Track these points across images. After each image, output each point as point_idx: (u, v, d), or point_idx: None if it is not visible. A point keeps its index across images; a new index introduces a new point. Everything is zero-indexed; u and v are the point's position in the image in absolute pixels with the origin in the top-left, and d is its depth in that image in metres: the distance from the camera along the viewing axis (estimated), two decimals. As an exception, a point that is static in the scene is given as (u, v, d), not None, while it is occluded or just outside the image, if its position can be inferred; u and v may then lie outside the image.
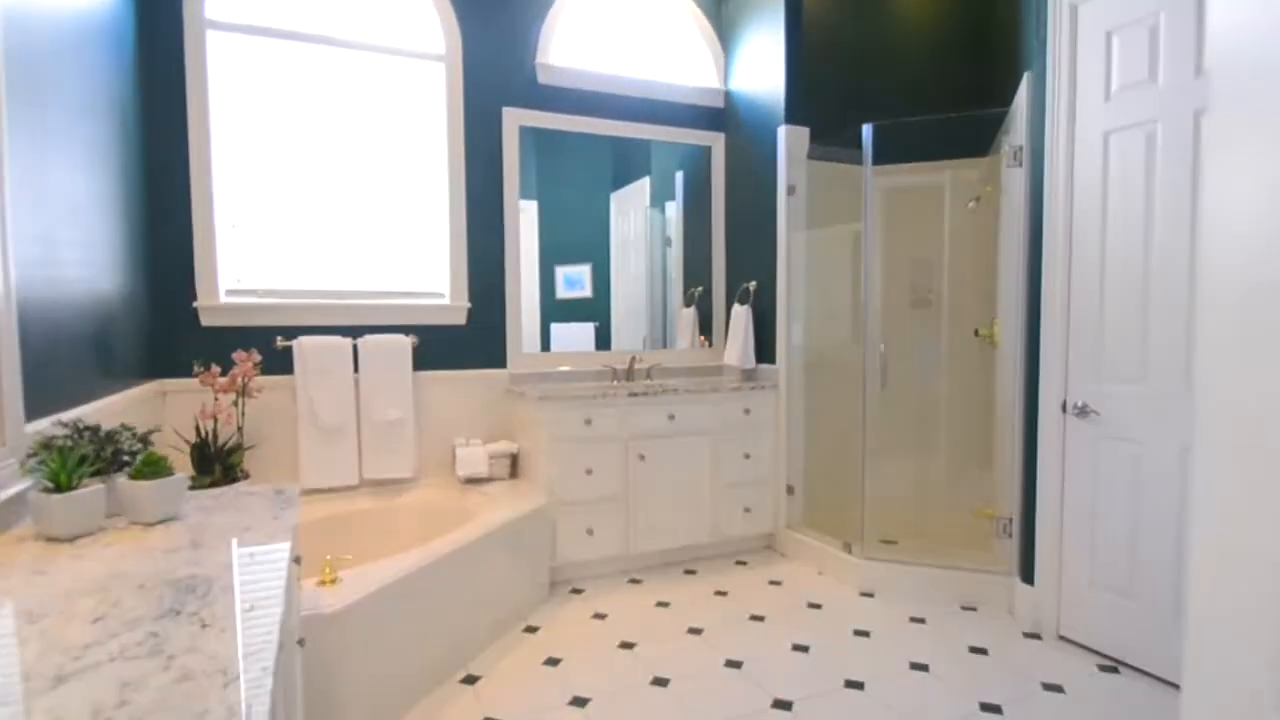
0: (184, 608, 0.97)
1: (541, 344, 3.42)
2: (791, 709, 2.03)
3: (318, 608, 1.78)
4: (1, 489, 1.35)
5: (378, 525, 2.84)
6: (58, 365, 1.77)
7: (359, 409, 2.92)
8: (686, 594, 2.87)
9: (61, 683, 0.77)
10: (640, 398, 3.02)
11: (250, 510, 1.47)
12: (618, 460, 2.99)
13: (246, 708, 0.72)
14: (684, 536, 3.14)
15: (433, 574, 2.13)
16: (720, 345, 3.73)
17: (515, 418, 3.19)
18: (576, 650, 2.39)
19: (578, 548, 2.93)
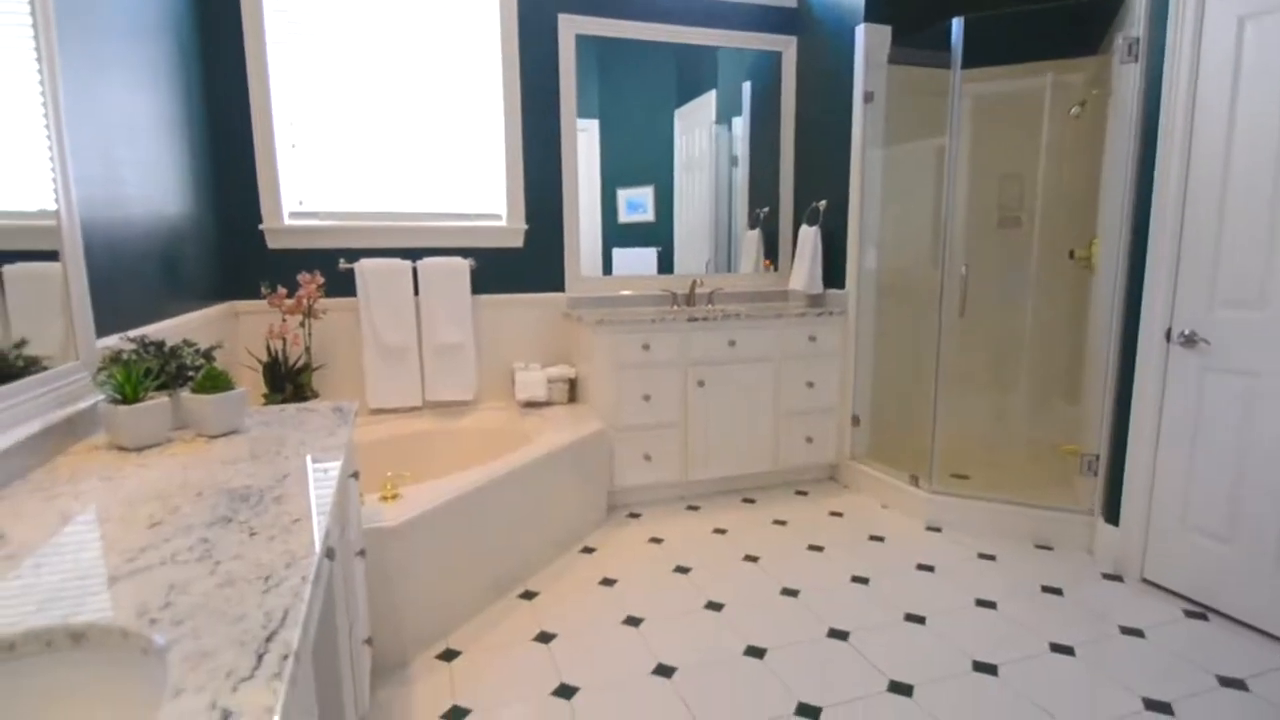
0: (236, 516, 0.99)
1: (603, 268, 3.36)
2: (847, 639, 2.00)
3: (379, 521, 1.84)
4: (75, 401, 1.41)
5: (439, 446, 2.91)
6: (126, 284, 1.82)
7: (420, 331, 2.95)
8: (744, 522, 2.85)
9: (115, 583, 0.79)
10: (700, 323, 2.93)
11: (309, 426, 1.50)
12: (676, 386, 2.94)
13: (283, 613, 0.72)
14: (743, 465, 3.09)
15: (492, 493, 2.17)
16: (786, 269, 3.57)
17: (573, 342, 3.16)
18: (632, 572, 2.42)
19: (635, 473, 2.93)
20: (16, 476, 1.18)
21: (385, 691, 1.77)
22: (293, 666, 0.63)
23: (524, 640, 2.00)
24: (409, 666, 1.87)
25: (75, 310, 1.47)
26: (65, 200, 1.46)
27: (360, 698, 1.53)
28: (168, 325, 2.07)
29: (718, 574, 2.40)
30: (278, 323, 2.62)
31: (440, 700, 1.73)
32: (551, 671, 1.85)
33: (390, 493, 1.97)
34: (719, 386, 3.00)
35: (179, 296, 2.24)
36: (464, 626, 2.07)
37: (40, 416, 1.30)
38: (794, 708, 1.71)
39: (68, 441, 1.37)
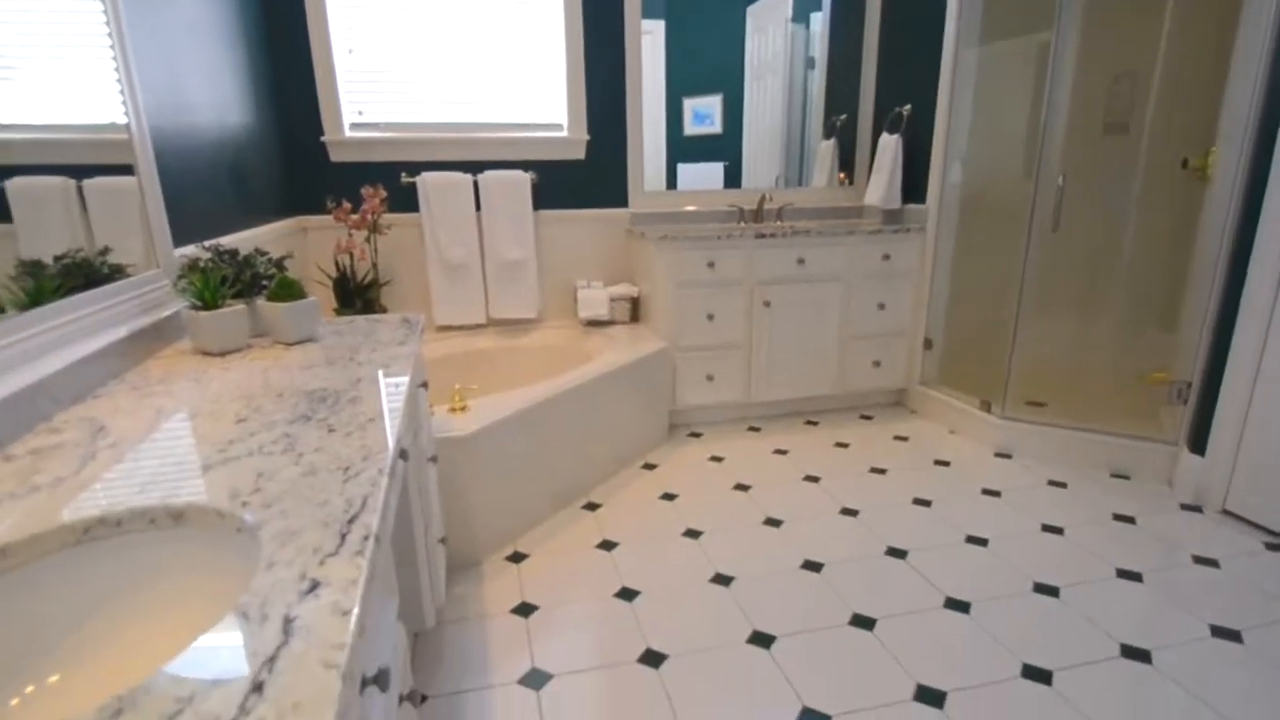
0: (315, 415, 1.03)
1: (667, 183, 3.27)
2: (906, 557, 2.00)
3: (449, 431, 1.91)
4: (160, 308, 1.49)
5: (503, 363, 2.98)
6: (198, 195, 1.88)
7: (482, 248, 2.97)
8: (806, 443, 2.84)
9: (208, 470, 0.85)
10: (768, 240, 2.84)
11: (379, 336, 1.54)
12: (741, 306, 2.89)
13: (362, 500, 0.75)
14: (807, 387, 3.06)
15: (555, 408, 2.22)
16: (862, 183, 3.39)
17: (636, 260, 3.13)
18: (692, 488, 2.46)
19: (697, 393, 2.94)
20: (112, 376, 1.26)
21: (460, 587, 1.88)
22: (373, 547, 0.66)
23: (587, 547, 2.08)
24: (481, 565, 1.98)
25: (152, 220, 1.53)
26: (134, 110, 1.50)
27: (437, 590, 1.63)
28: (239, 238, 2.14)
29: (777, 492, 2.41)
30: (344, 238, 2.68)
31: (510, 597, 1.84)
32: (613, 576, 1.93)
33: (459, 405, 2.04)
34: (785, 307, 2.93)
35: (249, 210, 2.30)
36: (531, 532, 2.17)
37: (129, 321, 1.37)
38: (849, 617, 1.74)
39: (156, 346, 1.45)
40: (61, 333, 1.17)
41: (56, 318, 1.17)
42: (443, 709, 1.47)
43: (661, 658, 1.61)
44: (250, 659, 0.50)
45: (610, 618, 1.75)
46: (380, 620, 0.79)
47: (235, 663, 0.50)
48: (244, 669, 0.49)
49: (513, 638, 1.68)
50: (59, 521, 0.72)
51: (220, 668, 0.50)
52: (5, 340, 1.03)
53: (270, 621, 0.54)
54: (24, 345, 1.07)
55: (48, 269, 1.28)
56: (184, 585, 0.75)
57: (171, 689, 0.48)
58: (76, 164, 1.36)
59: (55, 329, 1.16)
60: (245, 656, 0.50)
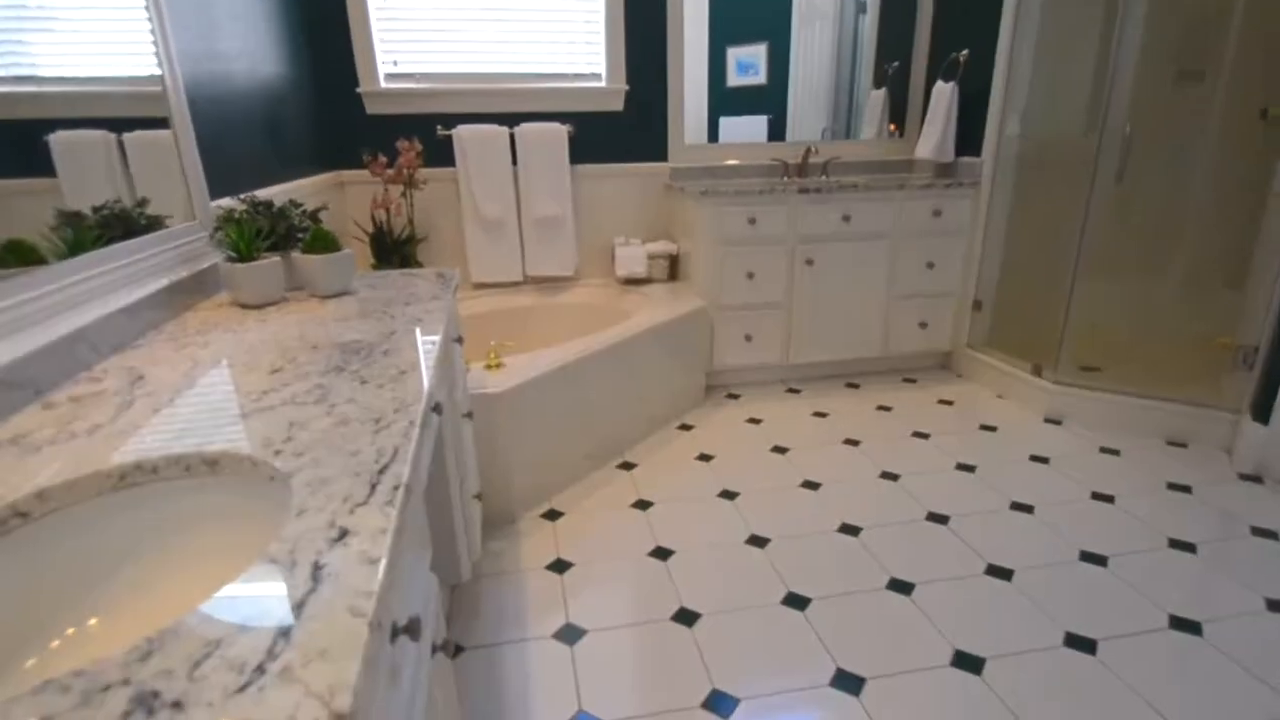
0: (347, 366, 1.03)
1: (708, 136, 3.17)
2: (948, 523, 1.95)
3: (484, 387, 1.90)
4: (198, 260, 1.49)
5: (539, 321, 2.97)
6: (233, 147, 1.87)
7: (519, 203, 2.93)
8: (846, 406, 2.78)
9: (243, 418, 0.84)
10: (812, 195, 2.74)
11: (413, 290, 1.53)
12: (782, 264, 2.81)
13: (393, 450, 0.74)
14: (849, 349, 2.98)
15: (592, 365, 2.20)
16: (913, 135, 3.24)
17: (675, 216, 3.06)
18: (729, 450, 2.43)
19: (735, 354, 2.89)
20: (151, 327, 1.27)
21: (496, 543, 1.91)
22: (403, 497, 0.65)
23: (622, 506, 2.08)
24: (517, 522, 2.00)
25: (188, 171, 1.53)
26: (167, 60, 1.49)
27: (472, 545, 1.64)
28: (276, 190, 2.14)
29: (816, 455, 2.37)
30: (380, 193, 2.67)
31: (545, 553, 1.85)
32: (648, 535, 1.92)
33: (494, 362, 2.03)
34: (828, 266, 2.84)
35: (285, 162, 2.30)
36: (566, 490, 2.17)
37: (167, 273, 1.38)
38: (886, 581, 1.71)
39: (195, 299, 1.46)
40: (100, 282, 1.18)
41: (95, 267, 1.18)
42: (479, 661, 1.50)
43: (695, 616, 1.60)
44: (279, 605, 0.49)
45: (645, 576, 1.75)
46: (413, 571, 0.78)
47: (264, 608, 0.49)
48: (272, 615, 0.48)
49: (548, 593, 1.69)
50: (96, 467, 0.73)
51: (249, 612, 0.49)
52: (45, 289, 1.04)
53: (300, 568, 0.53)
54: (64, 294, 1.08)
55: (86, 220, 1.30)
56: (218, 531, 0.75)
57: (201, 631, 0.48)
58: (116, 117, 1.36)
59: (94, 278, 1.17)
60: (274, 602, 0.49)
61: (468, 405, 1.77)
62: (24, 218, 1.09)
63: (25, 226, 1.08)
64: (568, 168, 2.91)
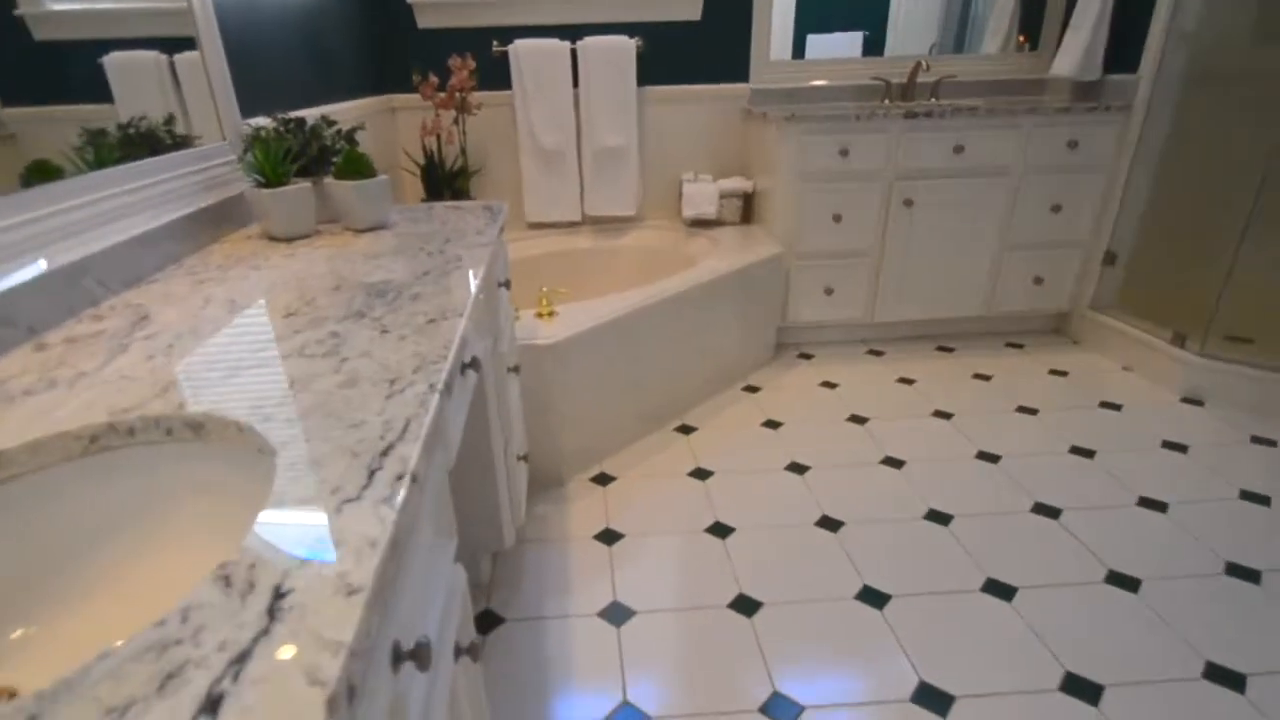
0: (370, 312, 0.93)
1: (794, 50, 2.90)
2: (1059, 517, 1.76)
3: (534, 338, 1.80)
4: (226, 186, 1.42)
5: (597, 265, 2.84)
6: (269, 61, 1.77)
7: (579, 132, 2.77)
8: (937, 373, 2.57)
9: (240, 371, 0.75)
10: (919, 121, 2.47)
11: (456, 224, 1.42)
12: (876, 205, 2.58)
13: (404, 424, 0.63)
14: (945, 307, 2.74)
15: (651, 317, 2.06)
16: (1049, 48, 2.87)
17: (752, 148, 2.84)
18: (799, 416, 2.28)
19: (812, 308, 2.70)
20: (171, 260, 1.20)
21: (543, 506, 1.84)
22: (407, 490, 0.54)
23: (679, 474, 1.97)
24: (565, 486, 1.92)
25: (214, 83, 1.44)
26: (196, -48, 1.38)
27: (516, 509, 1.57)
28: (319, 113, 2.05)
29: (900, 428, 2.19)
30: (430, 118, 2.55)
31: (594, 521, 1.77)
32: (706, 508, 1.81)
33: (546, 310, 1.92)
34: (931, 208, 2.59)
35: (330, 82, 2.20)
36: (619, 453, 2.08)
37: (192, 199, 1.31)
38: (982, 583, 1.55)
39: (224, 229, 1.39)
40: (115, 205, 1.11)
41: (106, 187, 1.11)
42: (520, 634, 1.44)
43: (755, 605, 1.50)
44: (213, 657, 0.38)
45: (700, 554, 1.65)
46: (427, 574, 0.68)
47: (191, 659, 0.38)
48: (202, 671, 0.37)
49: (595, 566, 1.61)
50: (64, 427, 0.65)
51: (170, 664, 0.38)
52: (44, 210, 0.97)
53: (255, 596, 0.43)
54: (69, 217, 1.01)
55: (109, 137, 1.23)
56: (201, 510, 0.67)
57: (104, 692, 0.37)
58: (166, 36, 1.33)
59: (106, 200, 1.10)
60: (208, 653, 0.39)
61: (515, 358, 1.68)
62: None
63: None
64: (634, 89, 2.72)
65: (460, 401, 0.98)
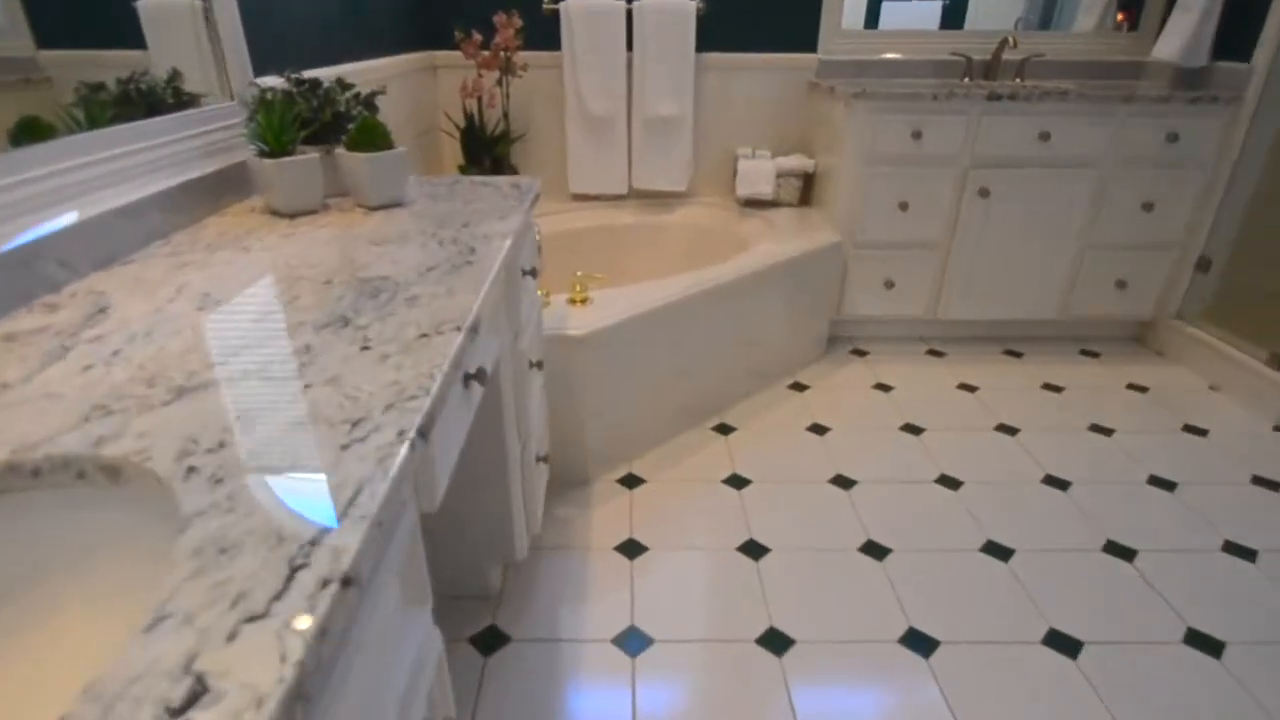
0: (355, 318, 0.79)
1: (865, 23, 2.64)
2: (1133, 560, 1.56)
3: (563, 328, 1.65)
4: (232, 151, 1.29)
5: (641, 244, 2.67)
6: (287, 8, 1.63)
7: (630, 99, 2.58)
8: (1003, 380, 2.34)
9: (180, 397, 0.62)
10: (1003, 104, 2.21)
11: (480, 203, 1.27)
12: (948, 193, 2.34)
13: (353, 491, 0.50)
14: (1015, 307, 2.50)
15: (695, 307, 1.89)
16: (1151, 29, 2.56)
17: (817, 124, 2.61)
18: (848, 422, 2.09)
19: (870, 301, 2.49)
20: (156, 236, 1.08)
21: (564, 509, 1.71)
22: (331, 603, 0.40)
23: (713, 480, 1.82)
24: (590, 485, 1.79)
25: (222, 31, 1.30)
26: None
27: (532, 516, 1.45)
28: (350, 70, 1.91)
29: (958, 442, 1.99)
30: (471, 78, 2.39)
31: (617, 530, 1.63)
32: (739, 522, 1.66)
33: (580, 296, 1.77)
34: (1009, 199, 2.33)
35: (365, 35, 2.05)
36: (650, 453, 1.93)
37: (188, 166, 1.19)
38: (1043, 634, 1.37)
39: (225, 200, 1.27)
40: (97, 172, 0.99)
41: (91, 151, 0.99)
42: (526, 657, 1.32)
43: (787, 642, 1.35)
44: None
45: (729, 577, 1.50)
46: (386, 657, 0.55)
47: None
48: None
49: (613, 582, 1.48)
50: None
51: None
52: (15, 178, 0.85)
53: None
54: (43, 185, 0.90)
55: (104, 93, 1.11)
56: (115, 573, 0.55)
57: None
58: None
59: (88, 167, 0.98)
60: None
61: (540, 352, 1.53)
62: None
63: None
64: (692, 55, 2.50)
65: (456, 419, 0.84)
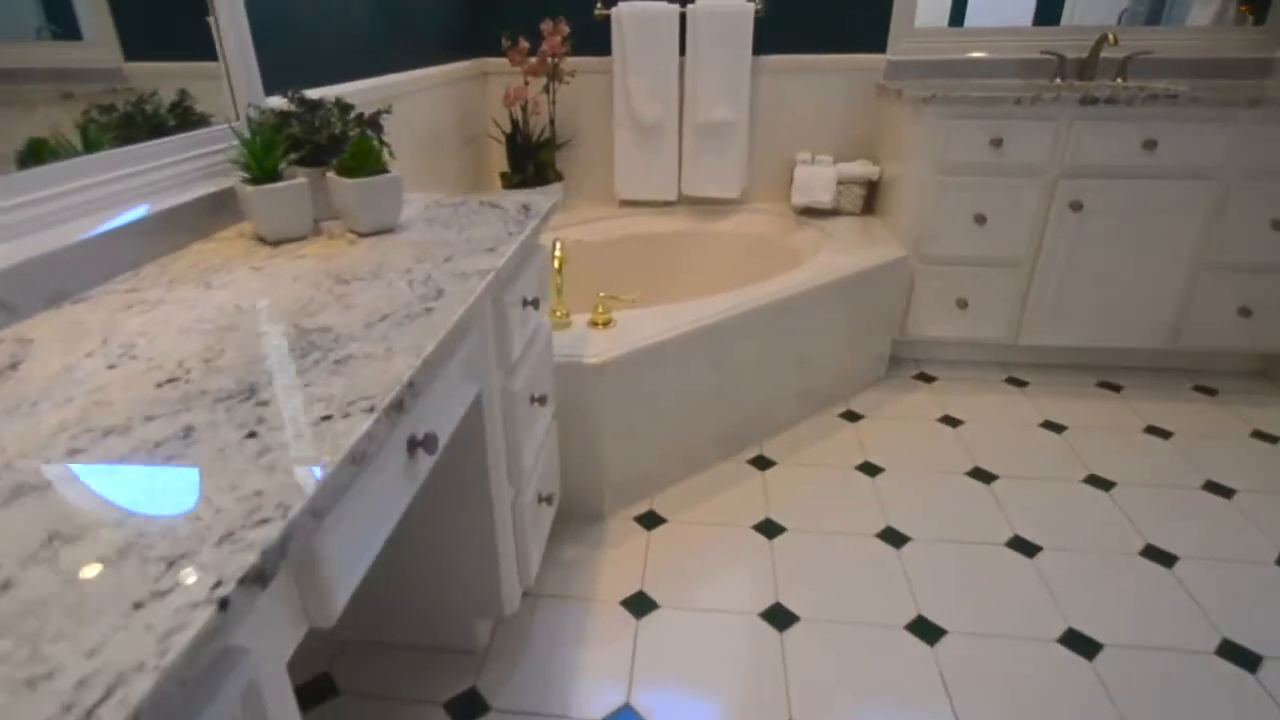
0: (265, 388, 0.67)
1: (951, 16, 2.36)
2: (1256, 668, 1.27)
3: (580, 354, 1.51)
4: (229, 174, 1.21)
5: (688, 254, 2.49)
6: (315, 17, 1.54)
7: (682, 104, 2.40)
8: (1097, 419, 2.04)
9: (15, 499, 0.52)
10: (1099, 109, 1.91)
11: (476, 229, 1.15)
12: (1032, 206, 2.05)
13: (105, 690, 0.37)
14: (1115, 333, 2.17)
15: (731, 329, 1.71)
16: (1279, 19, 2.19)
17: (884, 128, 2.36)
18: (906, 461, 1.86)
19: (940, 322, 2.22)
20: (129, 266, 1.01)
21: (572, 549, 1.57)
22: None
23: (741, 524, 1.63)
24: (605, 521, 1.65)
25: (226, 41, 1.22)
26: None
27: (525, 566, 1.31)
28: (397, 81, 1.84)
29: (1038, 494, 1.73)
30: (514, 86, 2.27)
31: (627, 579, 1.48)
32: (767, 580, 1.47)
33: (602, 318, 1.62)
34: (1106, 213, 2.02)
35: (412, 43, 1.97)
36: (675, 486, 1.77)
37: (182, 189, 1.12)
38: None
39: (221, 223, 1.19)
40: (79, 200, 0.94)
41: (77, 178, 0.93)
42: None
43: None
44: None
45: (749, 650, 1.32)
46: None
47: None
48: None
49: (614, 646, 1.33)
50: None
51: None
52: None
53: None
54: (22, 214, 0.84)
55: (113, 114, 1.07)
56: None
57: None
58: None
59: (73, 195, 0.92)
60: None
61: (547, 384, 1.39)
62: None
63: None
64: (749, 58, 2.31)
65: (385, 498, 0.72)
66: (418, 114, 2.02)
